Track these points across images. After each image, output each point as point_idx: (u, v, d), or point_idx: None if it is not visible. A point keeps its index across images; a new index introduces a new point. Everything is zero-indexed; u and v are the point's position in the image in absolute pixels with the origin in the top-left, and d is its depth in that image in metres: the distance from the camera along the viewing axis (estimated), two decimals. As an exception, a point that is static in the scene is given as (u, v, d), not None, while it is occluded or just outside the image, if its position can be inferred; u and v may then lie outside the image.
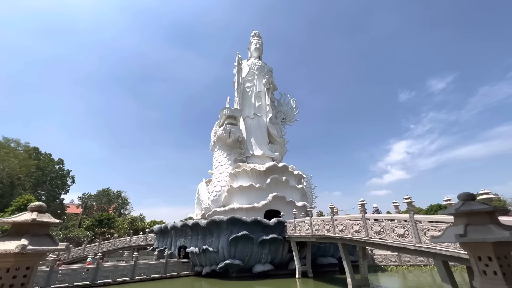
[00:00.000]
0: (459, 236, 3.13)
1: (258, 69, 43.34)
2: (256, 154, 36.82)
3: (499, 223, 3.20)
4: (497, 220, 3.27)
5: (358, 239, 13.86)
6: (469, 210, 3.20)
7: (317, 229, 18.07)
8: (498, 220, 3.31)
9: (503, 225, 3.16)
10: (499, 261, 2.85)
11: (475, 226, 3.14)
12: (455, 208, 3.63)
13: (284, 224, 23.48)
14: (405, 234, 11.00)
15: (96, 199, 72.75)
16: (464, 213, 3.33)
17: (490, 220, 3.10)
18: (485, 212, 3.21)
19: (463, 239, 3.19)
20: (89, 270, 19.18)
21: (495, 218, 3.23)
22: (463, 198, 3.45)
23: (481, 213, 3.20)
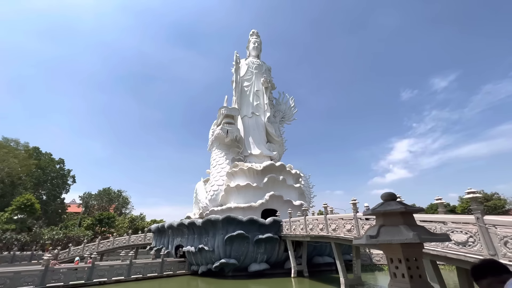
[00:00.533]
0: (369, 237, 3.07)
1: (256, 68, 43.27)
2: (254, 153, 36.79)
3: (413, 224, 3.11)
4: (411, 221, 3.17)
5: (350, 238, 13.79)
6: (383, 210, 3.12)
7: (311, 228, 18.01)
8: (413, 220, 3.22)
9: (414, 226, 3.08)
10: (408, 263, 2.78)
11: (389, 227, 3.06)
12: (372, 208, 3.55)
13: (280, 223, 23.44)
14: (394, 233, 10.91)
15: (97, 198, 73.10)
16: (380, 214, 3.25)
17: (403, 221, 3.02)
18: (399, 213, 3.11)
19: (372, 240, 3.14)
20: (86, 269, 19.25)
21: (409, 218, 3.13)
22: (383, 198, 3.36)
23: (395, 214, 3.11)
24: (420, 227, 3.11)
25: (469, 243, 8.11)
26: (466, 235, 8.19)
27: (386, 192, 3.56)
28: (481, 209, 7.93)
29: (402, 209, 3.05)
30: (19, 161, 40.31)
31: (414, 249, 2.81)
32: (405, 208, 3.07)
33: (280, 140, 40.11)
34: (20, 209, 38.45)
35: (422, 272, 2.77)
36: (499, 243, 7.27)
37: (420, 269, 2.79)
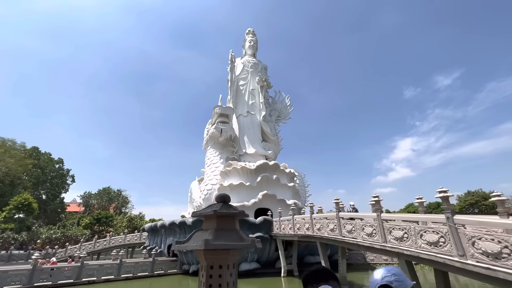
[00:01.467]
0: (175, 243, 2.93)
1: (252, 66, 43.10)
2: (248, 153, 36.69)
3: (225, 228, 2.89)
4: (228, 224, 2.93)
5: (332, 238, 13.68)
6: (203, 213, 2.93)
7: (299, 227, 17.93)
8: (230, 225, 2.97)
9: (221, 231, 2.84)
10: (211, 270, 2.64)
11: (203, 232, 2.90)
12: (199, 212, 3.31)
13: (271, 222, 23.36)
14: (373, 233, 10.78)
15: (97, 198, 73.62)
16: (202, 217, 3.05)
17: (216, 225, 2.87)
18: (215, 217, 2.88)
19: (175, 246, 3.01)
20: (73, 268, 19.33)
21: (226, 222, 2.95)
22: (217, 200, 3.16)
23: (211, 217, 2.92)
24: (234, 232, 2.86)
25: (440, 243, 7.96)
26: (438, 235, 8.05)
27: (220, 194, 3.31)
28: (452, 209, 7.77)
29: (211, 213, 2.83)
30: (15, 161, 40.69)
31: (218, 256, 2.66)
32: (214, 211, 2.81)
33: (275, 139, 39.95)
34: (18, 208, 38.81)
35: (225, 281, 2.61)
36: (468, 243, 7.12)
37: (224, 278, 2.61)
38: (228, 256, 2.70)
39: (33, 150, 55.97)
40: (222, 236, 2.69)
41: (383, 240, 10.12)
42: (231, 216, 2.99)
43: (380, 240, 10.28)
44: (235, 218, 3.08)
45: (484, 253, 6.71)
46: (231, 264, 2.74)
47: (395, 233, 9.61)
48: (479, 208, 38.86)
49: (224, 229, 2.83)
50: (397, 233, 9.52)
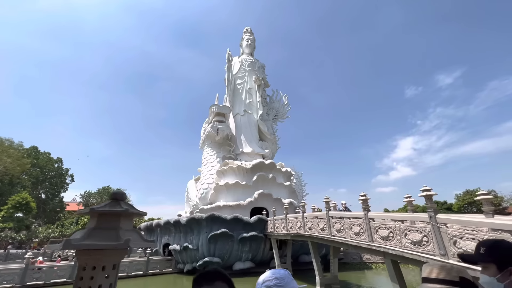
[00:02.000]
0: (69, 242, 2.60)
1: (249, 65, 42.93)
2: (245, 152, 36.59)
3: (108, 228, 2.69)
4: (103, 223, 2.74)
5: (322, 237, 13.59)
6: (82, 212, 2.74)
7: (291, 226, 17.85)
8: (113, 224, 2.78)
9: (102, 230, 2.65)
10: (82, 272, 2.51)
11: (82, 230, 2.74)
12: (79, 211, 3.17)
13: (266, 221, 23.30)
14: (360, 232, 10.68)
15: (97, 197, 73.76)
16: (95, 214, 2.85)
17: (96, 223, 2.73)
18: (95, 214, 2.71)
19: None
20: (67, 267, 19.35)
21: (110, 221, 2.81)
22: (110, 197, 3.00)
23: (93, 215, 2.73)
24: (113, 232, 2.62)
25: (423, 242, 7.86)
26: (421, 234, 7.94)
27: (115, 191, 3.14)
28: (434, 207, 7.66)
29: (86, 210, 2.64)
30: (13, 160, 40.78)
31: (91, 257, 2.53)
32: (91, 209, 2.61)
33: (272, 138, 39.82)
34: (16, 207, 38.91)
35: (96, 284, 2.46)
36: (449, 243, 7.01)
37: (95, 280, 2.37)
38: (101, 256, 2.50)
39: (32, 149, 56.09)
40: (97, 235, 2.49)
41: (370, 239, 10.02)
42: (113, 214, 2.78)
43: (367, 239, 10.18)
44: (120, 217, 2.86)
45: (464, 252, 6.59)
46: (108, 265, 2.56)
47: (381, 232, 9.51)
48: (477, 207, 38.65)
49: (103, 228, 2.66)
50: (383, 232, 9.42)
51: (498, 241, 1.54)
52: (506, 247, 1.49)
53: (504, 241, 1.53)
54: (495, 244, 1.53)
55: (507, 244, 1.51)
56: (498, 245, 1.52)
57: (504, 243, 1.51)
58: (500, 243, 1.52)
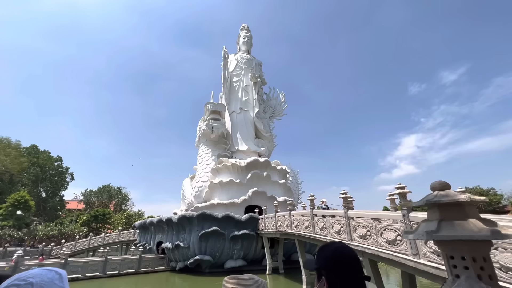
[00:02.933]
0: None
1: (245, 63, 42.64)
2: (241, 150, 36.43)
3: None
4: None
5: (307, 235, 13.42)
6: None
7: (280, 225, 17.71)
8: None
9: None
10: None
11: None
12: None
13: (258, 219, 23.18)
14: (341, 230, 10.50)
15: (97, 195, 74.28)
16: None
17: None
18: None
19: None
20: (57, 265, 19.39)
21: None
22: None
23: None
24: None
25: (397, 241, 7.66)
26: (395, 233, 7.73)
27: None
28: (408, 206, 7.43)
29: None
30: (10, 159, 41.17)
31: None
32: None
33: (269, 136, 39.60)
34: (14, 206, 39.26)
35: None
36: (421, 242, 6.79)
37: None
38: None
39: (32, 148, 56.56)
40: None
41: (349, 238, 9.83)
42: None
43: (346, 238, 9.99)
44: None
45: (434, 252, 6.40)
46: None
47: (359, 231, 9.32)
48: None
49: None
50: (361, 230, 9.22)
51: (323, 246, 1.35)
52: (325, 251, 1.29)
53: (328, 245, 1.33)
54: (320, 249, 1.35)
55: (328, 247, 1.31)
56: (320, 250, 1.33)
57: (327, 247, 1.31)
58: (324, 248, 1.33)
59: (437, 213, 1.48)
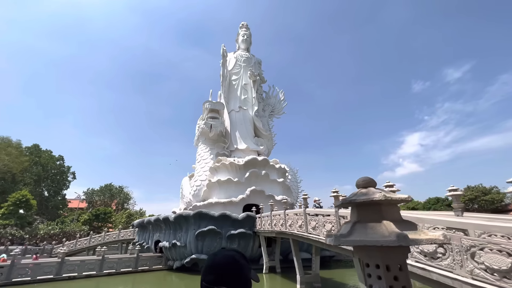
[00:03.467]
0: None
1: (244, 61, 42.40)
2: (240, 148, 36.28)
3: None
4: None
5: (300, 235, 13.23)
6: None
7: (275, 224, 17.53)
8: None
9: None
10: None
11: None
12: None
13: (255, 218, 23.05)
14: (332, 229, 10.29)
15: (99, 194, 74.70)
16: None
17: None
18: None
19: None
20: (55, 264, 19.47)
21: None
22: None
23: None
24: None
25: (385, 241, 7.41)
26: (384, 233, 7.49)
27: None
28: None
29: None
30: (11, 158, 41.49)
31: None
32: None
33: (268, 134, 39.39)
34: (16, 205, 39.56)
35: None
36: (408, 242, 6.56)
37: None
38: None
39: (33, 147, 56.94)
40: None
41: (340, 237, 9.62)
42: None
43: (337, 238, 9.78)
44: None
45: (421, 252, 6.18)
46: None
47: (350, 230, 9.10)
48: (478, 204, 37.57)
49: None
50: (351, 230, 9.00)
51: None
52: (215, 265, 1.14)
53: (216, 256, 1.16)
54: None
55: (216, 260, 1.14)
56: None
57: (214, 259, 1.15)
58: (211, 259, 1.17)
59: (355, 214, 1.30)
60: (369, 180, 1.39)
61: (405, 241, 0.98)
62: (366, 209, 1.24)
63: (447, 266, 5.51)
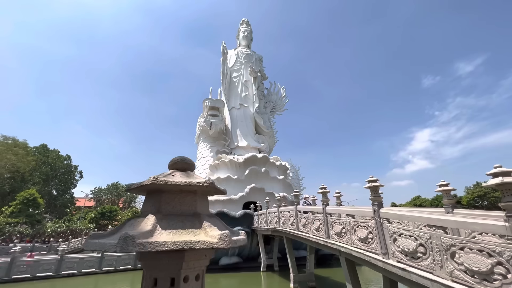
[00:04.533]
0: None
1: (245, 58, 42.05)
2: (241, 146, 36.04)
3: None
4: None
5: (291, 232, 12.89)
6: None
7: (270, 221, 17.23)
8: None
9: None
10: None
11: None
12: None
13: (253, 216, 22.80)
14: (320, 227, 9.91)
15: (106, 193, 75.97)
16: None
17: None
18: None
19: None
20: (53, 261, 19.70)
21: None
22: None
23: None
24: None
25: (368, 239, 7.03)
26: (367, 231, 7.10)
27: None
28: (379, 201, 6.78)
29: None
30: (18, 158, 42.44)
31: None
32: None
33: (269, 131, 38.98)
34: (24, 203, 40.48)
35: None
36: (390, 240, 6.15)
37: None
38: None
39: (42, 147, 58.23)
40: None
41: (327, 235, 9.23)
42: None
43: (324, 236, 9.40)
44: None
45: (402, 251, 5.76)
46: None
47: (336, 227, 8.70)
48: (488, 200, 36.19)
49: None
50: (337, 227, 8.61)
51: None
52: None
53: None
54: None
55: None
56: None
57: None
58: None
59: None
60: (179, 160, 1.05)
61: (125, 244, 0.65)
62: (148, 199, 0.91)
63: (427, 267, 5.08)
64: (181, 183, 0.90)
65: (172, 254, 0.77)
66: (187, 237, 0.74)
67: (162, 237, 0.72)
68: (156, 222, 0.77)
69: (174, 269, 0.80)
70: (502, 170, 3.80)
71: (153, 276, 0.80)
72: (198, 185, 0.94)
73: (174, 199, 0.87)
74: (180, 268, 0.81)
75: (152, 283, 0.78)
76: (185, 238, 0.72)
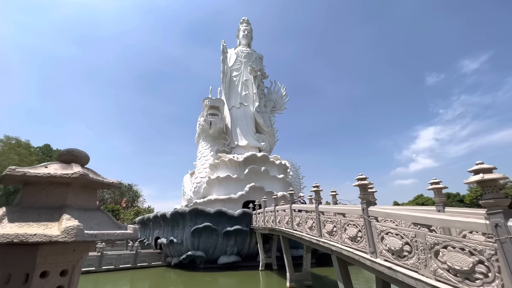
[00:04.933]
0: None
1: (245, 57, 41.97)
2: (241, 145, 36.04)
3: None
4: None
5: (286, 231, 12.84)
6: None
7: (267, 220, 17.20)
8: None
9: None
10: None
11: None
12: None
13: (251, 215, 22.78)
14: (313, 226, 9.85)
15: (109, 192, 76.59)
16: None
17: None
18: None
19: None
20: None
21: None
22: None
23: None
24: None
25: (358, 238, 6.96)
26: (356, 229, 7.03)
27: None
28: (368, 199, 6.71)
29: None
30: (20, 158, 42.92)
31: None
32: None
33: (270, 130, 38.91)
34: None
35: None
36: (377, 239, 6.08)
37: None
38: None
39: (45, 147, 58.85)
40: None
41: (319, 234, 9.17)
42: None
43: (317, 234, 9.34)
44: None
45: (389, 250, 5.68)
46: None
47: (328, 226, 8.64)
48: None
49: None
50: (329, 226, 8.54)
51: None
52: None
53: None
54: None
55: None
56: None
57: None
58: None
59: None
60: (65, 152, 1.01)
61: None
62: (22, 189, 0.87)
63: (413, 266, 5.01)
64: (43, 174, 0.86)
65: (25, 248, 0.73)
66: (35, 230, 0.70)
67: (5, 230, 0.68)
68: (5, 215, 0.74)
69: (28, 264, 0.76)
70: (483, 167, 3.71)
71: (8, 272, 0.76)
72: (65, 176, 0.89)
73: (41, 191, 0.83)
74: (34, 263, 0.77)
75: (6, 279, 0.74)
76: (30, 230, 0.69)
